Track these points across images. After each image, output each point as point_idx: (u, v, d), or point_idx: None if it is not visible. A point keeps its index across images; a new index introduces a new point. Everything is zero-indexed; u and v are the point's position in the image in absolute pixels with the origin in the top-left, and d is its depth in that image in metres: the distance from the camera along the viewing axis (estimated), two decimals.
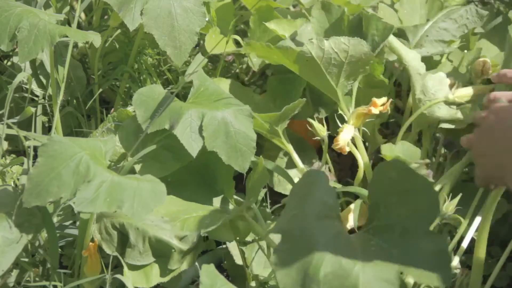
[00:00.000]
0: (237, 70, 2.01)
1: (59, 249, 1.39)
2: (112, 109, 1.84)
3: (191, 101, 1.47)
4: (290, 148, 1.57)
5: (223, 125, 1.42)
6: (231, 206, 1.47)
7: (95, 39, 1.45)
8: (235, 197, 1.51)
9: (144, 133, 1.40)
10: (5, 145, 1.72)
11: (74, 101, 1.79)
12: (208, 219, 1.38)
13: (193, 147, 1.39)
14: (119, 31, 1.83)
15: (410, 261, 1.16)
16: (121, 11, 1.55)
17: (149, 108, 1.41)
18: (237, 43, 1.83)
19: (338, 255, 1.15)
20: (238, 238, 1.46)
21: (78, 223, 1.38)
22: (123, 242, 1.32)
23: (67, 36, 1.45)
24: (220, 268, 1.50)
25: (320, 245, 1.16)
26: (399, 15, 1.75)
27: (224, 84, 1.67)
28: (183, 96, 1.79)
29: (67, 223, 1.42)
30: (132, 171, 1.39)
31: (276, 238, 1.22)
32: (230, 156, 1.41)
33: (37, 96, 1.76)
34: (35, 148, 1.49)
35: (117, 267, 1.35)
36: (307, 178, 1.27)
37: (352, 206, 1.50)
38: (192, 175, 1.49)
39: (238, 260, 1.48)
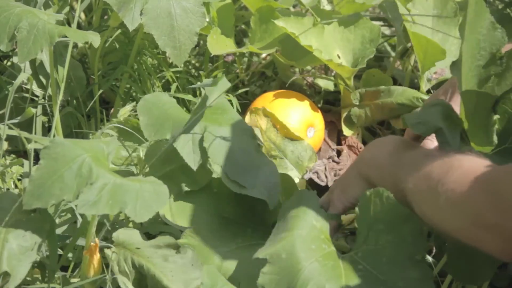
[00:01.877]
0: (237, 70, 2.01)
1: (60, 250, 1.38)
2: (112, 109, 1.84)
3: (196, 111, 1.46)
4: None
5: (226, 141, 1.40)
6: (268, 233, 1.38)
7: (95, 39, 1.45)
8: None
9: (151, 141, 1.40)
10: (4, 145, 1.72)
11: (74, 101, 1.79)
12: (246, 257, 1.32)
13: (194, 161, 1.37)
14: (119, 31, 1.82)
15: None
16: (121, 11, 1.55)
17: (152, 116, 1.40)
18: (238, 43, 1.83)
19: (323, 279, 1.17)
20: None
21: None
22: (140, 281, 1.30)
23: (66, 36, 1.45)
24: None
25: (306, 269, 1.17)
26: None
27: None
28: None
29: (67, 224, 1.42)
30: None
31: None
32: (234, 173, 1.39)
33: (37, 96, 1.75)
34: (36, 149, 1.48)
35: None
36: (298, 199, 1.27)
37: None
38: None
39: None
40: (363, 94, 1.75)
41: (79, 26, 1.90)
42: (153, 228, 1.47)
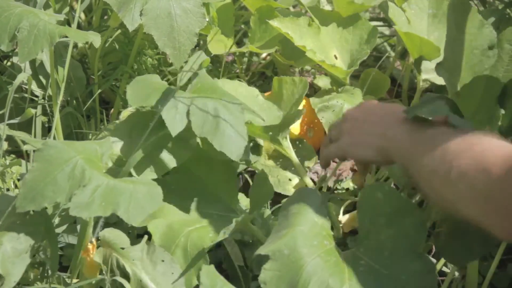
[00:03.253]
0: (237, 71, 2.01)
1: (60, 250, 1.39)
2: (112, 109, 1.84)
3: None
4: (293, 156, 1.57)
5: (213, 112, 1.39)
6: (234, 214, 1.45)
7: (95, 39, 1.45)
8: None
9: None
10: (4, 145, 1.72)
11: (74, 101, 1.79)
12: (212, 232, 1.36)
13: (175, 127, 1.36)
14: (119, 31, 1.83)
15: (398, 282, 1.19)
16: (121, 11, 1.55)
17: (140, 90, 1.40)
18: (238, 43, 1.83)
19: (326, 275, 1.17)
20: None
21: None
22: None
23: (66, 37, 1.45)
24: (219, 268, 1.50)
25: (308, 265, 1.18)
26: (407, 15, 1.75)
27: (229, 85, 1.65)
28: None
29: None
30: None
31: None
32: (222, 144, 1.38)
33: (36, 96, 1.75)
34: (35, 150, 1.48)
35: None
36: (298, 196, 1.28)
37: (353, 213, 1.50)
38: (195, 183, 1.47)
39: (238, 261, 1.48)
40: None
41: (78, 26, 1.90)
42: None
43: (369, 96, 1.78)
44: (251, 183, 1.60)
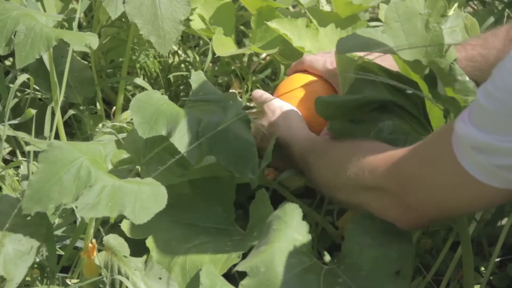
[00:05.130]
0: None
1: (60, 250, 1.39)
2: (113, 109, 1.85)
3: (189, 105, 1.47)
4: None
5: (221, 131, 1.38)
6: (232, 227, 1.45)
7: (93, 40, 1.44)
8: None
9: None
10: (5, 145, 1.72)
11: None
12: (210, 250, 1.35)
13: (192, 155, 1.36)
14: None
15: None
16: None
17: (146, 114, 1.38)
18: (237, 44, 1.83)
19: None
20: None
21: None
22: None
23: None
24: None
25: (283, 283, 1.17)
26: None
27: None
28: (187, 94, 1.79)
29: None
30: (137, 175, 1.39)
31: None
32: (229, 162, 1.38)
33: (40, 96, 1.75)
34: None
35: None
36: (281, 212, 1.27)
37: (346, 215, 1.50)
38: (194, 196, 1.46)
39: None
40: None
41: (79, 26, 1.90)
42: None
43: None
44: None
